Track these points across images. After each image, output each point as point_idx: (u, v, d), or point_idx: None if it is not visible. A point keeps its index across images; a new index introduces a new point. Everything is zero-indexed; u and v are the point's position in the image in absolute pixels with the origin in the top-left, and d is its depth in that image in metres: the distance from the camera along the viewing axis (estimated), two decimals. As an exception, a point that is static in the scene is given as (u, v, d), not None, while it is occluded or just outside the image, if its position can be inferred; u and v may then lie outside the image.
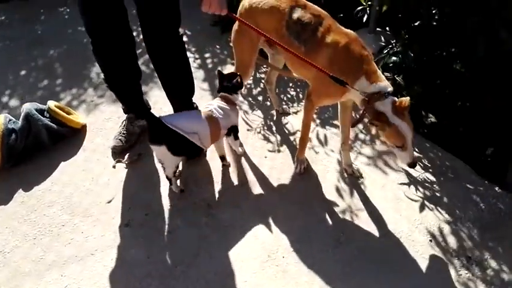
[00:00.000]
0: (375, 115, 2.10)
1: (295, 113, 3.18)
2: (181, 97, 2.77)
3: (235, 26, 2.62)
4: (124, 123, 2.87)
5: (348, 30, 2.30)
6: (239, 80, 2.47)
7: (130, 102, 2.79)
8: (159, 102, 3.15)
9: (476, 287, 2.09)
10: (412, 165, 2.18)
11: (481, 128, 2.80)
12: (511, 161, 2.72)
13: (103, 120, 3.05)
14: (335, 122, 3.07)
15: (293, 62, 2.49)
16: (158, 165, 2.67)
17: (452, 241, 2.30)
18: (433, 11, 2.89)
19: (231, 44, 2.70)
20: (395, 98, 2.12)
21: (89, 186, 2.61)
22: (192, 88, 2.82)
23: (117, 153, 2.79)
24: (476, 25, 2.76)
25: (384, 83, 2.15)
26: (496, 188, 2.59)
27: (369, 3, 3.05)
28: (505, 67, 2.77)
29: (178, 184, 2.54)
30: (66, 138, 2.91)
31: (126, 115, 2.90)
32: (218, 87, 2.53)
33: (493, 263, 2.20)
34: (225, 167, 2.71)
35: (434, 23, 2.90)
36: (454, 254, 2.24)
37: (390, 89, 2.13)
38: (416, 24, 2.93)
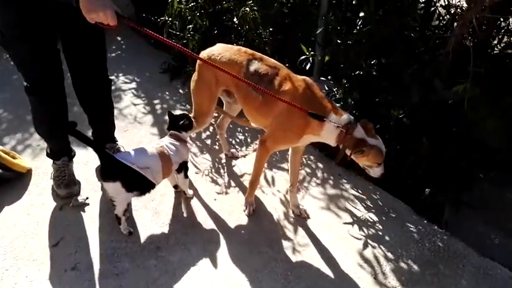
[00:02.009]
0: (357, 143, 2.33)
1: (244, 156, 3.36)
2: (104, 131, 3.08)
3: (194, 75, 2.79)
4: (63, 168, 2.93)
5: (303, 77, 2.53)
6: (186, 121, 2.66)
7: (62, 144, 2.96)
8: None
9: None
10: (383, 175, 2.49)
11: (420, 171, 3.06)
12: (447, 201, 2.98)
13: (48, 164, 3.10)
14: (282, 165, 3.27)
15: (251, 111, 2.67)
16: (106, 208, 2.75)
17: (395, 278, 2.50)
18: (372, 62, 3.22)
19: (191, 92, 2.84)
20: None
21: (33, 230, 2.65)
22: (113, 122, 3.13)
23: (66, 197, 2.86)
24: (411, 75, 3.09)
25: (347, 114, 2.41)
26: (435, 227, 2.84)
27: (312, 53, 3.34)
28: (439, 113, 3.10)
29: (127, 225, 2.62)
30: (11, 183, 2.95)
31: (60, 160, 2.95)
32: (168, 126, 2.72)
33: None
34: (177, 204, 2.87)
35: (373, 73, 3.21)
36: (399, 289, 2.44)
37: (352, 117, 2.39)
38: (355, 73, 3.24)
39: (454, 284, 2.47)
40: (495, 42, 3.59)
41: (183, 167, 2.69)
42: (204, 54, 2.70)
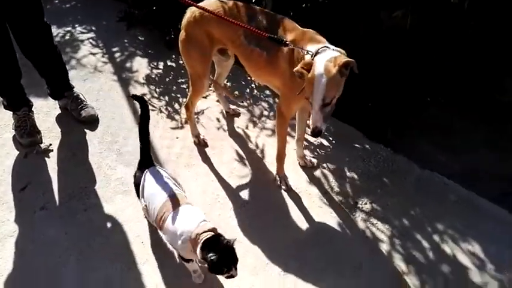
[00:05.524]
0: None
1: (205, 97, 3.48)
2: (57, 79, 3.18)
3: (182, 35, 2.60)
4: (24, 118, 3.04)
5: (305, 29, 2.34)
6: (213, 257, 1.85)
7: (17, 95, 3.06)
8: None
9: (361, 225, 2.56)
10: (313, 131, 2.11)
11: (366, 95, 3.27)
12: (390, 123, 3.23)
13: (9, 115, 3.18)
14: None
15: (256, 71, 2.57)
16: (70, 154, 2.93)
17: (344, 191, 2.77)
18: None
19: (181, 55, 2.71)
20: None
21: (0, 177, 2.79)
22: (65, 69, 3.23)
23: (29, 146, 2.98)
24: (357, 8, 3.23)
25: None
26: (382, 146, 3.09)
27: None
28: (384, 43, 3.27)
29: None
30: (-27, 136, 3.05)
31: (20, 111, 3.05)
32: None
33: (379, 204, 2.69)
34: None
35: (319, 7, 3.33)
36: (345, 201, 2.71)
37: None
38: (303, 6, 3.35)
39: (396, 192, 2.75)
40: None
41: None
42: (195, 11, 2.48)
